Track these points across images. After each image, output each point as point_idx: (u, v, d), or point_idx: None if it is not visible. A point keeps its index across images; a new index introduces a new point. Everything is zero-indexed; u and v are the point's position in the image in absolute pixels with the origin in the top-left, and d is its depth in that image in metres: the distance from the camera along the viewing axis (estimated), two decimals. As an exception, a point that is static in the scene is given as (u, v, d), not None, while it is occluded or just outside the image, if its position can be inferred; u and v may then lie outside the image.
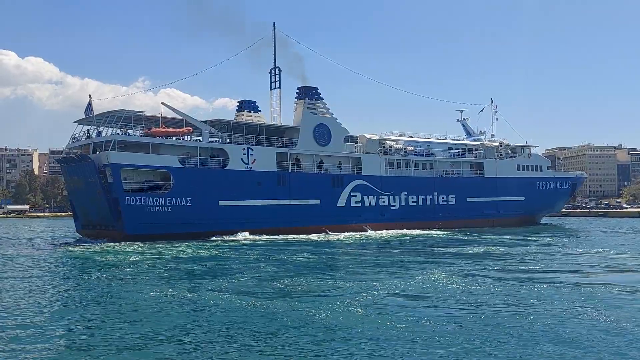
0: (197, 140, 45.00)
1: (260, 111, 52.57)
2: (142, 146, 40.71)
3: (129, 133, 42.01)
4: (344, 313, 14.11)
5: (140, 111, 42.18)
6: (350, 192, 49.91)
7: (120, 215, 38.51)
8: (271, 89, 53.37)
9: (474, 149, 62.42)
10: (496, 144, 63.91)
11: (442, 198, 56.46)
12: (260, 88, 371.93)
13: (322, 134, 49.46)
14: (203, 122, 44.57)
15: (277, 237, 41.55)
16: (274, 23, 52.92)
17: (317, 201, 47.72)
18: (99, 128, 42.08)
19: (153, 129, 41.52)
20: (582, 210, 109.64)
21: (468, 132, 67.56)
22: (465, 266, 23.73)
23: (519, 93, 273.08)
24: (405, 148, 56.46)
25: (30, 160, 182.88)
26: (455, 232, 48.00)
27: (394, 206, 52.96)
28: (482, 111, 69.84)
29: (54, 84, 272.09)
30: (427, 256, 28.74)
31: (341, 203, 49.35)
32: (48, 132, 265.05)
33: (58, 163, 48.12)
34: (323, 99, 50.74)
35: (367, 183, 51.28)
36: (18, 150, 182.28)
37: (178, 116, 43.74)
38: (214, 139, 45.75)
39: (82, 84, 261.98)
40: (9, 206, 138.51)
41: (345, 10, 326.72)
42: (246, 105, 51.92)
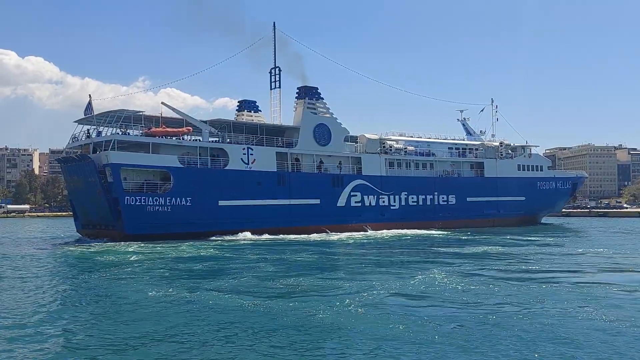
0: (197, 140, 45.04)
1: (260, 111, 52.65)
2: (142, 146, 40.74)
3: (129, 133, 41.98)
4: (344, 313, 14.11)
5: (140, 111, 42.23)
6: (350, 192, 49.90)
7: (120, 215, 38.54)
8: (271, 89, 53.45)
9: (475, 149, 62.37)
10: (496, 144, 63.87)
11: (443, 198, 56.44)
12: (260, 88, 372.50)
13: (322, 134, 49.46)
14: (203, 122, 44.60)
15: (277, 237, 41.59)
16: (274, 23, 53.09)
17: (317, 201, 47.72)
18: (99, 128, 42.11)
19: (153, 129, 41.54)
20: (583, 210, 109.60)
21: (468, 132, 67.49)
22: (465, 266, 23.72)
23: (519, 93, 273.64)
24: (405, 148, 56.43)
25: (30, 160, 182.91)
26: (455, 232, 47.99)
27: (394, 206, 52.95)
28: (483, 111, 69.91)
29: (54, 84, 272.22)
30: (427, 256, 28.73)
31: (341, 203, 49.35)
32: (48, 132, 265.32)
33: (58, 163, 48.08)
34: (323, 99, 50.75)
35: (367, 183, 51.27)
36: (18, 149, 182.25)
37: (178, 116, 43.75)
38: (214, 139, 45.77)
39: (82, 84, 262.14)
40: (9, 206, 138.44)
41: (345, 10, 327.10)
42: (246, 105, 51.99)
